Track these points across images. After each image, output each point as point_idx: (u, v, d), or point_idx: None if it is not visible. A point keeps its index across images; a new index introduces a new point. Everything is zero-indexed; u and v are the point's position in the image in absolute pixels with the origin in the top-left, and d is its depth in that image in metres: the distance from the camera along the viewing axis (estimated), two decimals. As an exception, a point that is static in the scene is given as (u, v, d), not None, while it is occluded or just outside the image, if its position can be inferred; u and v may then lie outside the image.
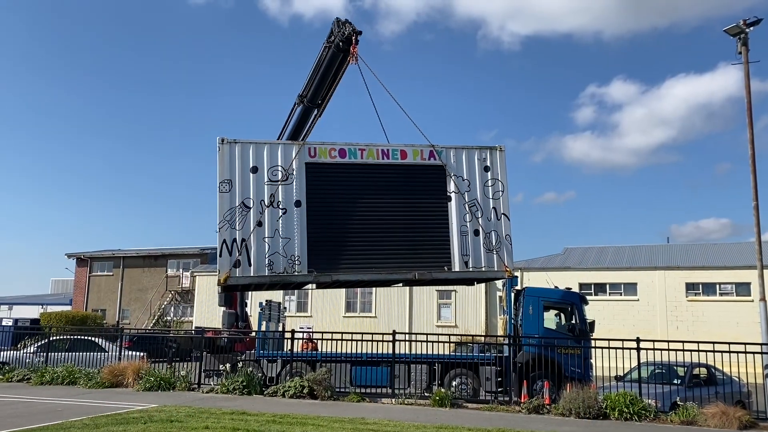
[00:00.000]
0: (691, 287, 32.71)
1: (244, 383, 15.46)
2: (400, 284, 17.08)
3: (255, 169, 14.65)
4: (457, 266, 15.11)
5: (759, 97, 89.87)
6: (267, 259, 14.24)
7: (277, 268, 14.22)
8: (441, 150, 15.57)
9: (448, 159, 15.58)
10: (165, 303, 45.17)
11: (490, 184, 15.74)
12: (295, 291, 38.30)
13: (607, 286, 34.14)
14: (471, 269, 15.20)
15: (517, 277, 18.06)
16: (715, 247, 38.08)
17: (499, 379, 15.93)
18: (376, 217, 15.10)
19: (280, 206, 14.60)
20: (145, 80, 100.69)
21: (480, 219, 15.32)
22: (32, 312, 47.81)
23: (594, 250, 39.01)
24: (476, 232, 15.30)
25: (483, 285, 34.84)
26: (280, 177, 14.69)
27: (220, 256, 14.09)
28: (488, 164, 15.82)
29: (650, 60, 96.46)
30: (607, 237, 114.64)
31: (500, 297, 33.20)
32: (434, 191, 15.46)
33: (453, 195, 15.43)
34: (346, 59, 16.58)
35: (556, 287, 17.80)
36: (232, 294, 21.02)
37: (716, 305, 31.92)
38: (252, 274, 14.12)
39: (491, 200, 15.60)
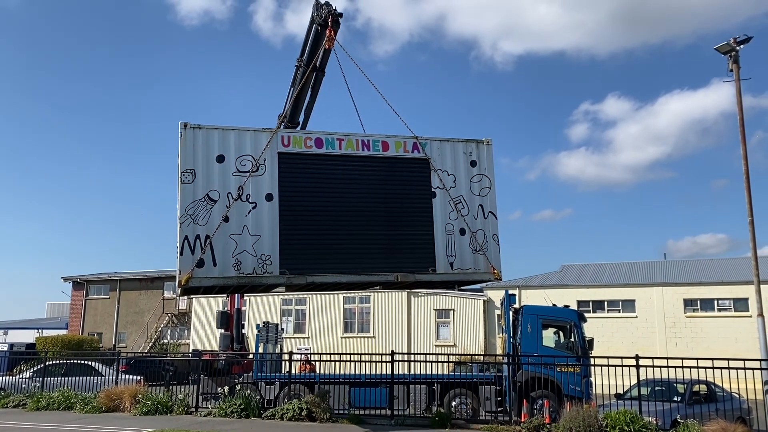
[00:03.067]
0: (689, 303, 32.70)
1: (242, 406, 15.34)
2: (378, 287, 16.51)
3: (221, 158, 13.29)
4: (441, 267, 14.16)
5: (752, 113, 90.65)
6: (234, 259, 12.98)
7: (246, 269, 12.98)
8: (425, 142, 14.65)
9: (433, 152, 14.65)
10: (162, 326, 44.94)
11: (476, 180, 14.80)
12: (293, 312, 38.21)
13: (606, 303, 34.10)
14: (456, 271, 14.24)
15: (514, 295, 18.03)
16: (712, 262, 38.12)
17: (499, 398, 15.83)
18: (355, 213, 14.04)
19: (250, 200, 13.30)
20: (140, 103, 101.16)
21: (466, 217, 14.42)
22: (28, 336, 47.46)
23: (591, 267, 39.03)
24: (462, 231, 14.40)
25: (481, 303, 34.80)
26: (249, 167, 13.39)
27: (181, 254, 12.68)
28: (475, 158, 14.92)
29: (644, 76, 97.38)
30: (605, 254, 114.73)
31: (499, 315, 33.15)
32: (418, 186, 14.46)
33: (437, 191, 14.46)
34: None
35: (554, 305, 17.78)
36: (228, 316, 20.98)
37: (715, 321, 31.88)
38: (217, 275, 12.86)
39: (478, 197, 14.70)
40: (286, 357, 17.86)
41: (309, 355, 20.97)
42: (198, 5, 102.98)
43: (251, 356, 19.18)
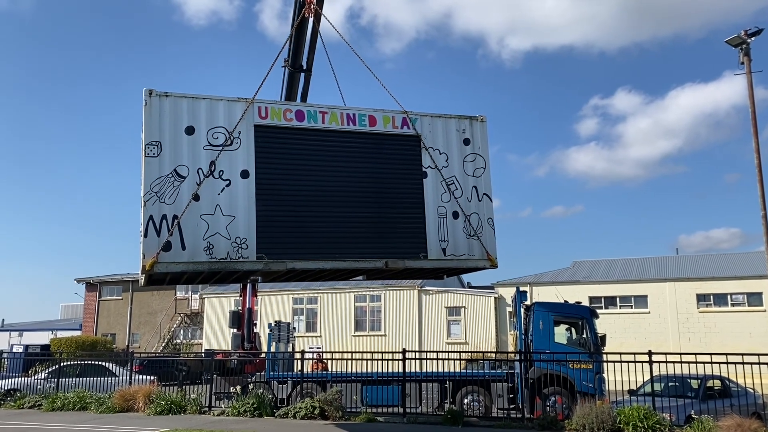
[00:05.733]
0: (702, 298, 32.48)
1: (255, 405, 15.40)
2: (362, 277, 14.88)
3: (191, 130, 12.04)
4: (433, 253, 13.08)
5: (764, 105, 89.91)
6: (206, 242, 11.68)
7: (219, 253, 11.71)
8: (415, 117, 13.57)
9: (423, 128, 13.54)
10: (174, 326, 45.19)
11: (470, 160, 13.75)
12: (304, 311, 38.28)
13: (618, 299, 33.94)
14: (449, 257, 13.18)
15: (526, 292, 17.97)
16: (725, 257, 37.85)
17: (511, 395, 15.81)
18: (340, 193, 12.88)
19: (223, 176, 12.04)
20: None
21: (459, 199, 13.39)
22: (42, 338, 47.91)
23: (603, 263, 38.84)
24: (455, 215, 13.31)
25: (492, 300, 34.72)
26: (222, 141, 12.14)
27: (145, 236, 11.44)
28: (468, 136, 13.89)
29: (655, 70, 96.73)
30: (616, 250, 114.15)
31: (510, 313, 33.08)
32: (407, 165, 13.35)
33: (429, 170, 13.35)
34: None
35: (565, 301, 17.73)
36: (240, 315, 21.05)
37: (728, 316, 31.65)
38: (186, 260, 11.57)
39: (471, 178, 13.66)
40: (298, 356, 17.91)
41: (321, 354, 21.03)
42: (205, 5, 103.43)
43: (263, 355, 19.24)
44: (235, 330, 21.06)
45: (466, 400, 16.02)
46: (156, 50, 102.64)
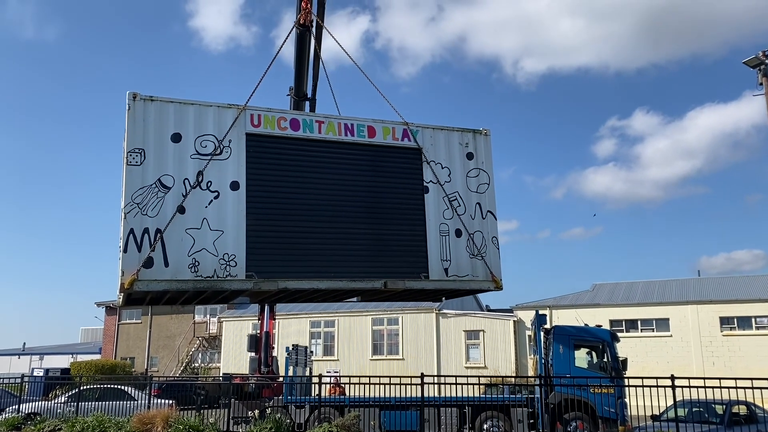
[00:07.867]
0: (725, 321, 31.91)
1: (273, 430, 15.32)
2: (356, 298, 14.25)
3: (177, 137, 11.17)
4: (435, 273, 12.34)
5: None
6: (191, 258, 10.86)
7: (205, 271, 10.88)
8: (417, 129, 12.85)
9: (425, 141, 12.81)
10: (193, 350, 45.29)
11: (473, 175, 13.08)
12: (322, 334, 38.17)
13: (639, 323, 33.45)
14: (452, 278, 12.46)
15: (545, 315, 17.81)
16: (748, 279, 37.23)
17: (532, 421, 15.60)
18: (336, 208, 12.06)
19: (211, 188, 11.26)
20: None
21: (462, 216, 12.70)
22: (63, 361, 48.26)
23: (623, 285, 38.40)
24: (458, 233, 12.62)
25: (511, 324, 34.40)
26: (211, 150, 11.33)
27: (125, 251, 10.49)
28: (471, 150, 13.19)
29: (673, 90, 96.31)
30: (636, 272, 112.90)
31: (530, 336, 32.74)
32: (408, 179, 12.66)
33: (430, 185, 12.65)
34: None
35: (586, 325, 17.53)
36: (257, 339, 21.05)
37: (753, 339, 31.04)
38: (169, 278, 10.70)
39: (475, 194, 12.99)
40: (315, 380, 17.85)
41: (338, 378, 20.94)
42: (223, 31, 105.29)
43: (281, 379, 19.20)
44: (252, 354, 21.07)
45: (485, 426, 15.84)
46: (173, 75, 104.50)
